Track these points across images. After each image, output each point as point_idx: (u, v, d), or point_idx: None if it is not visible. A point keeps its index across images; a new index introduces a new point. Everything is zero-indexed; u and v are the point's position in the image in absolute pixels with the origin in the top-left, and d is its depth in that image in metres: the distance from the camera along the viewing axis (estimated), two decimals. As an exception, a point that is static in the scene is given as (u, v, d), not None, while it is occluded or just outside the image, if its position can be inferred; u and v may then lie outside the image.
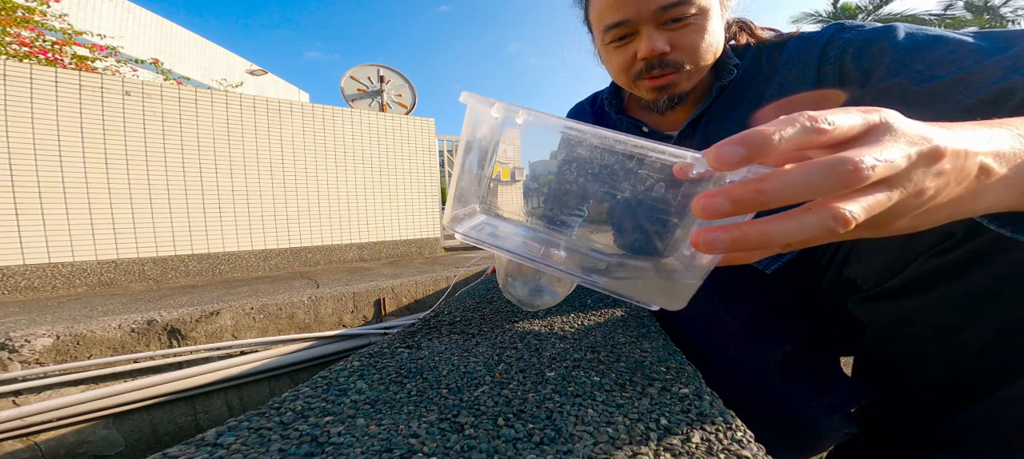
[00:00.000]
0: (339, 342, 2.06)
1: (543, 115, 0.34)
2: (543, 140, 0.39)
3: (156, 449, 1.63)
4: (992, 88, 0.38)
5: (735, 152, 0.22)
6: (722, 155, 0.22)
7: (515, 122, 0.35)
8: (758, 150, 0.22)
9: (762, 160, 0.23)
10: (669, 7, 0.54)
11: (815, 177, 0.21)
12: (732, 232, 0.23)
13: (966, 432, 0.47)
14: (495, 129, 0.38)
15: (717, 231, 0.23)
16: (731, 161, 0.22)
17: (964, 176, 0.24)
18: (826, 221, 0.21)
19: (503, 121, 0.36)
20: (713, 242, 0.23)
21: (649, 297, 0.37)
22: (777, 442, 0.44)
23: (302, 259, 3.41)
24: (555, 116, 0.34)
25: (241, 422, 0.34)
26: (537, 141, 0.39)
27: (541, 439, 0.32)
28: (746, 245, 0.23)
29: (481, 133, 0.38)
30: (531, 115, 0.34)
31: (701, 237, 0.24)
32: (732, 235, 0.23)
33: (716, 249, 0.23)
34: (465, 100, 0.35)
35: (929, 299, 0.46)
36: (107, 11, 6.24)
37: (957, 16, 8.97)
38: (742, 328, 0.59)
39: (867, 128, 0.23)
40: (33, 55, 3.42)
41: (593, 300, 0.76)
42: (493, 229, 0.44)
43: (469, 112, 0.36)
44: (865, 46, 0.51)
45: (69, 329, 1.52)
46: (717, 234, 0.23)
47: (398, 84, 4.60)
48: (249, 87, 8.19)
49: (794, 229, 0.22)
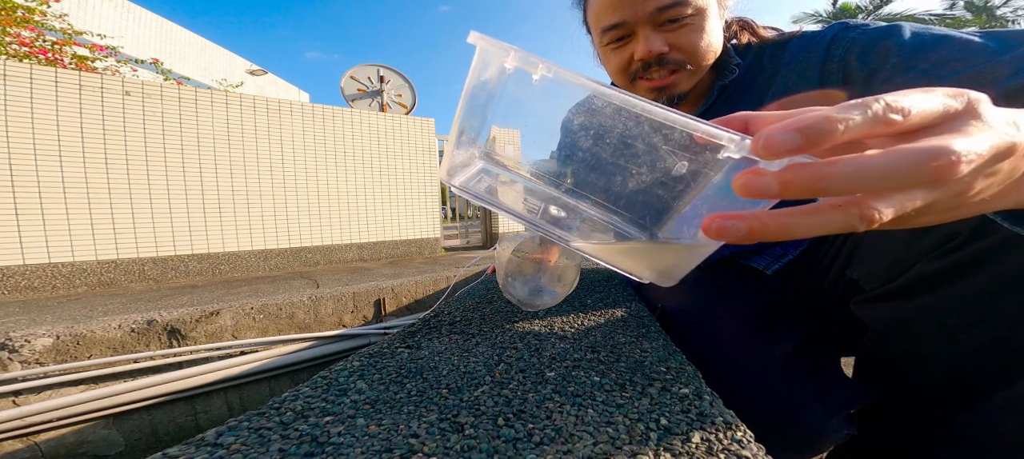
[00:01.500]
0: (339, 342, 2.06)
1: (566, 71, 0.29)
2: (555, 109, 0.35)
3: (156, 449, 1.63)
4: (1001, 88, 0.38)
5: (790, 140, 0.19)
6: (773, 143, 0.19)
7: (531, 77, 0.30)
8: (816, 140, 0.19)
9: (817, 151, 0.20)
10: (665, 8, 0.54)
11: (902, 168, 0.18)
12: (750, 221, 0.21)
13: (966, 433, 0.47)
14: (504, 79, 0.33)
15: (733, 219, 0.21)
16: (783, 149, 0.19)
17: (1012, 175, 0.22)
18: (853, 220, 0.19)
19: (515, 72, 0.32)
20: (727, 230, 0.21)
21: (640, 270, 0.35)
22: (777, 443, 0.44)
23: (302, 259, 3.41)
24: (579, 74, 0.29)
25: (241, 422, 0.34)
26: (551, 109, 0.35)
27: (541, 439, 0.32)
28: (762, 237, 0.21)
29: (487, 77, 0.34)
30: (550, 70, 0.29)
31: (714, 224, 0.21)
32: (750, 225, 0.21)
33: (729, 237, 0.21)
34: (474, 41, 0.31)
35: (932, 300, 0.46)
36: (107, 11, 6.24)
37: (957, 16, 8.98)
38: (742, 328, 0.59)
39: (948, 115, 0.21)
40: (33, 55, 3.42)
41: (593, 300, 0.76)
42: (491, 181, 0.41)
43: (478, 56, 0.32)
44: (870, 45, 0.50)
45: (69, 329, 1.52)
46: (733, 222, 0.21)
47: (398, 84, 4.60)
48: (249, 87, 8.19)
49: (817, 225, 0.20)
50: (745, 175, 0.21)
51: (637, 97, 0.28)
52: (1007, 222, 0.31)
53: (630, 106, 0.28)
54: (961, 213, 0.23)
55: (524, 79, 0.32)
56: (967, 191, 0.21)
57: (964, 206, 0.23)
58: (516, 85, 0.34)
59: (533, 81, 0.31)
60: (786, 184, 0.20)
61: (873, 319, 0.54)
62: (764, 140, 0.20)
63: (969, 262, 0.42)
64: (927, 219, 0.23)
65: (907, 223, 0.23)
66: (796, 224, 0.21)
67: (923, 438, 0.51)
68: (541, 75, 0.30)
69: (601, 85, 0.29)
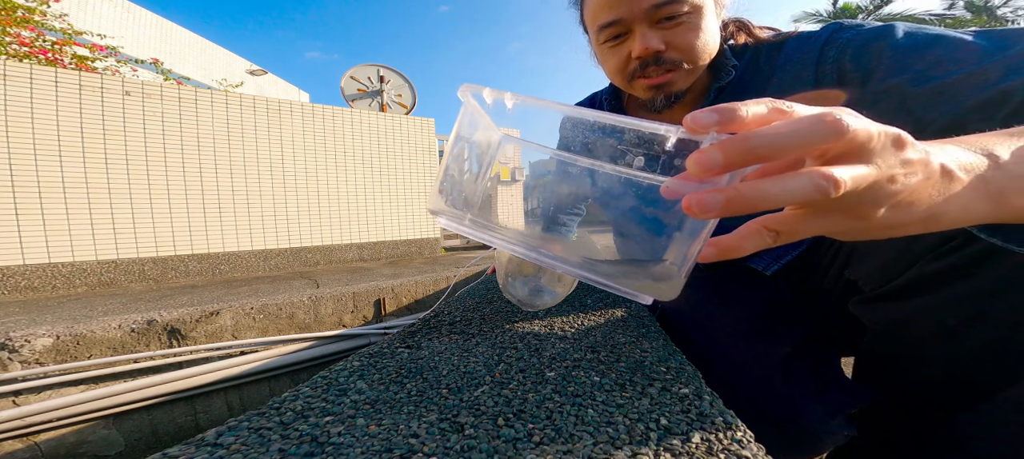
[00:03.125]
0: (339, 342, 2.06)
1: (529, 99, 0.35)
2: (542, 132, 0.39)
3: (156, 449, 1.63)
4: (990, 90, 0.38)
5: (708, 117, 0.24)
6: (697, 118, 0.24)
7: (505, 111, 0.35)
8: (728, 117, 0.24)
9: (731, 128, 0.24)
10: (661, 5, 0.54)
11: (802, 127, 0.22)
12: (726, 192, 0.23)
13: (967, 433, 0.47)
14: (493, 144, 0.38)
15: (712, 193, 0.23)
16: (704, 124, 0.24)
17: (930, 172, 0.25)
18: (818, 181, 0.22)
19: (500, 141, 0.36)
20: (706, 203, 0.23)
21: (640, 288, 0.36)
22: (777, 443, 0.44)
23: (302, 259, 3.41)
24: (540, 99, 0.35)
25: (241, 422, 0.34)
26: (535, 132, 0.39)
27: (541, 439, 0.32)
28: (740, 204, 0.23)
29: (477, 138, 0.38)
30: (518, 99, 0.34)
31: (693, 198, 0.23)
32: (726, 194, 0.22)
33: (710, 210, 0.23)
34: (463, 96, 0.35)
35: (930, 301, 0.46)
36: (107, 11, 6.24)
37: (957, 16, 8.97)
38: (742, 329, 0.59)
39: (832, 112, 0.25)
40: (33, 55, 3.42)
41: (593, 300, 0.76)
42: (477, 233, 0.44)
43: (465, 111, 0.36)
44: (864, 46, 0.50)
45: (69, 329, 1.52)
46: (711, 195, 0.23)
47: (398, 84, 4.60)
48: (249, 87, 8.19)
49: (788, 187, 0.22)
50: (695, 154, 0.23)
51: (589, 111, 0.32)
52: (983, 234, 0.33)
53: (581, 117, 0.32)
54: (911, 212, 0.25)
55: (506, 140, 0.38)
56: (895, 178, 0.24)
57: (905, 201, 0.25)
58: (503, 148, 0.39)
59: (508, 109, 0.35)
60: (726, 151, 0.22)
61: (872, 320, 0.54)
62: (691, 118, 0.24)
63: (967, 263, 0.42)
64: (883, 214, 0.25)
65: (867, 218, 0.25)
66: (769, 186, 0.23)
67: (923, 438, 0.51)
68: (513, 103, 0.35)
69: (558, 105, 0.34)
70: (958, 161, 0.26)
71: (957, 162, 0.26)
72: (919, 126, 0.44)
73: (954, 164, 0.26)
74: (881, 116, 0.51)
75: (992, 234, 0.34)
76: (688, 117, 0.24)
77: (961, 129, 0.32)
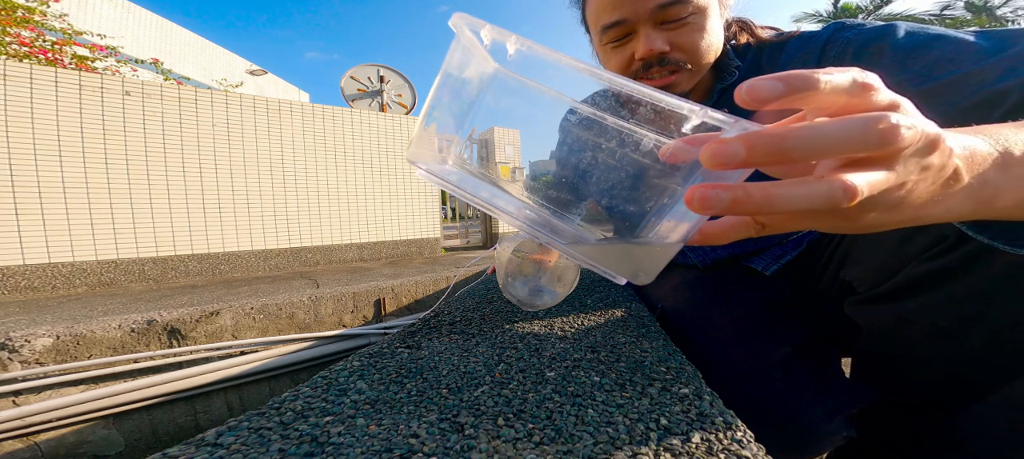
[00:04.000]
0: (339, 342, 2.06)
1: (537, 47, 0.29)
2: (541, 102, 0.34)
3: (156, 449, 1.63)
4: (987, 90, 0.38)
5: (773, 88, 0.20)
6: (757, 88, 0.20)
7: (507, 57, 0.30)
8: (799, 89, 0.20)
9: (803, 103, 0.21)
10: (666, 6, 0.53)
11: (853, 131, 0.20)
12: (734, 191, 0.21)
13: (965, 433, 0.47)
14: (483, 79, 0.33)
15: (717, 189, 0.21)
16: (766, 97, 0.20)
17: (941, 176, 0.24)
18: (835, 191, 0.20)
19: (492, 76, 0.31)
20: (710, 199, 0.21)
21: (616, 268, 0.34)
22: (776, 443, 0.44)
23: (302, 259, 3.41)
24: (552, 51, 0.29)
25: (241, 422, 0.34)
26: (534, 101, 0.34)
27: (541, 439, 0.32)
28: (747, 206, 0.21)
29: (467, 74, 0.33)
30: (523, 44, 0.29)
31: (697, 193, 0.21)
32: (733, 194, 0.21)
33: (712, 207, 0.21)
34: (456, 26, 0.30)
35: (925, 301, 0.46)
36: (107, 11, 6.24)
37: (957, 16, 8.97)
38: (741, 329, 0.59)
39: (893, 103, 0.23)
40: (33, 55, 3.42)
41: (593, 300, 0.76)
42: (460, 177, 0.40)
43: (457, 45, 0.31)
44: (864, 46, 0.50)
45: (69, 329, 1.52)
46: (716, 192, 0.21)
47: (398, 84, 4.60)
48: (249, 87, 8.19)
49: (801, 195, 0.20)
50: (713, 144, 0.21)
51: (610, 73, 0.28)
52: (971, 231, 0.34)
53: (598, 78, 0.28)
54: (900, 214, 0.24)
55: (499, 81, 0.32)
56: (904, 184, 0.22)
57: (903, 204, 0.24)
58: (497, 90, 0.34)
59: (509, 55, 0.30)
60: (752, 148, 0.20)
61: (867, 320, 0.54)
62: (747, 88, 0.21)
63: (959, 265, 0.42)
64: (872, 217, 0.24)
65: (853, 220, 0.24)
66: (780, 193, 0.21)
67: (922, 438, 0.51)
68: (515, 50, 0.29)
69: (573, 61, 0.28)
70: (970, 156, 0.24)
71: (969, 158, 0.24)
72: None
73: (964, 164, 0.24)
74: None
75: (979, 232, 0.34)
76: (744, 86, 0.21)
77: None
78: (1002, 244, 0.33)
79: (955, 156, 0.23)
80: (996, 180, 0.25)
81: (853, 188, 0.20)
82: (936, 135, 0.22)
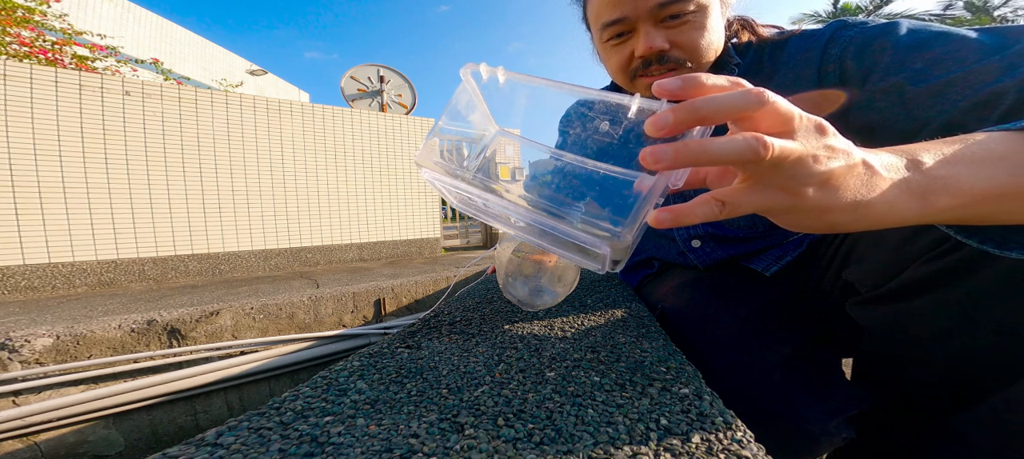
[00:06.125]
0: (339, 342, 2.07)
1: (519, 75, 0.40)
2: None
3: (156, 449, 1.63)
4: (985, 90, 0.38)
5: (673, 83, 0.28)
6: (663, 85, 0.29)
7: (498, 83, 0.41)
8: (691, 84, 0.28)
9: (693, 94, 0.28)
10: (666, 4, 0.53)
11: (735, 96, 0.27)
12: (676, 146, 0.27)
13: (966, 434, 0.47)
14: (487, 136, 0.42)
15: (663, 146, 0.27)
16: (669, 89, 0.29)
17: (852, 161, 0.28)
18: (751, 141, 0.25)
19: (495, 134, 0.42)
20: (659, 154, 0.27)
21: (586, 261, 0.39)
22: (776, 444, 0.44)
23: (302, 259, 3.41)
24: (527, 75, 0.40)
25: (241, 422, 0.34)
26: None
27: (541, 439, 0.32)
28: (686, 154, 0.27)
29: (472, 118, 0.43)
30: (510, 75, 0.40)
31: (648, 151, 0.27)
32: (676, 148, 0.27)
33: (662, 161, 0.27)
34: (463, 75, 0.41)
35: (926, 303, 0.46)
36: (107, 11, 6.24)
37: (957, 16, 8.98)
38: (742, 330, 0.59)
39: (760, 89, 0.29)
40: (33, 55, 3.42)
41: (593, 300, 0.76)
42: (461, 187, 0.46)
43: (462, 90, 0.42)
44: (866, 44, 0.50)
45: (69, 329, 1.52)
46: (662, 148, 0.27)
47: (398, 84, 4.60)
48: (249, 87, 8.20)
49: (726, 144, 0.26)
50: (651, 117, 0.28)
51: (567, 84, 0.37)
52: (961, 236, 0.34)
53: (572, 91, 0.38)
54: (840, 198, 0.28)
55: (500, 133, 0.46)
56: (818, 158, 0.27)
57: (833, 185, 0.28)
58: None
59: (500, 84, 0.41)
60: (676, 113, 0.27)
61: (869, 321, 0.54)
62: (657, 85, 0.29)
63: (960, 266, 0.42)
64: (813, 195, 0.28)
65: (801, 197, 0.28)
66: (710, 143, 0.27)
67: (923, 439, 0.51)
68: (504, 78, 0.40)
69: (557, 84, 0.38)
70: (880, 160, 0.29)
71: (879, 161, 0.29)
72: (917, 125, 0.43)
73: (876, 161, 0.28)
74: (881, 114, 0.50)
75: (969, 236, 0.34)
76: (656, 83, 0.29)
77: (957, 130, 0.32)
78: (992, 248, 0.33)
79: (854, 149, 0.28)
80: (916, 179, 0.29)
81: (766, 142, 0.25)
82: (819, 120, 0.28)
